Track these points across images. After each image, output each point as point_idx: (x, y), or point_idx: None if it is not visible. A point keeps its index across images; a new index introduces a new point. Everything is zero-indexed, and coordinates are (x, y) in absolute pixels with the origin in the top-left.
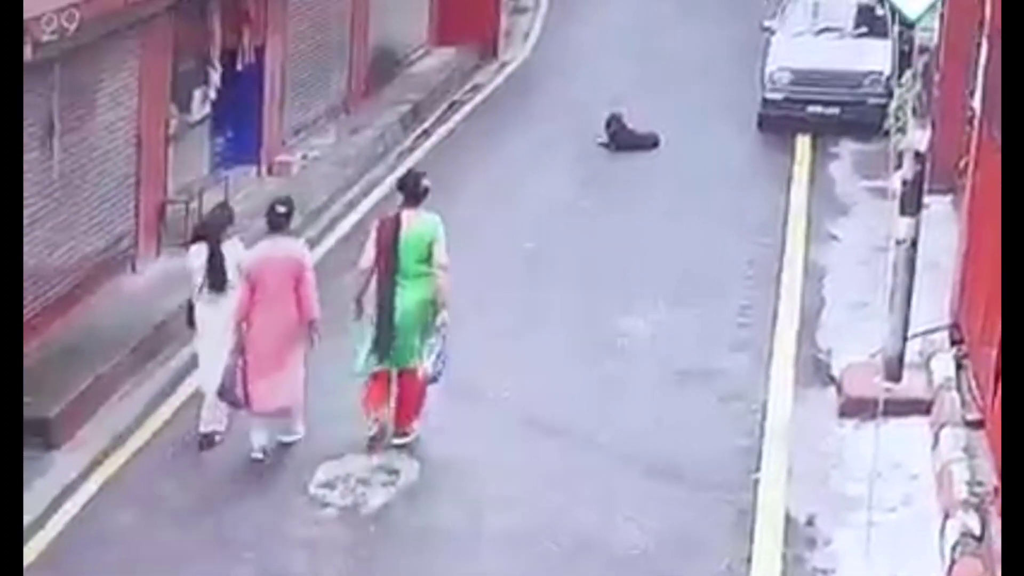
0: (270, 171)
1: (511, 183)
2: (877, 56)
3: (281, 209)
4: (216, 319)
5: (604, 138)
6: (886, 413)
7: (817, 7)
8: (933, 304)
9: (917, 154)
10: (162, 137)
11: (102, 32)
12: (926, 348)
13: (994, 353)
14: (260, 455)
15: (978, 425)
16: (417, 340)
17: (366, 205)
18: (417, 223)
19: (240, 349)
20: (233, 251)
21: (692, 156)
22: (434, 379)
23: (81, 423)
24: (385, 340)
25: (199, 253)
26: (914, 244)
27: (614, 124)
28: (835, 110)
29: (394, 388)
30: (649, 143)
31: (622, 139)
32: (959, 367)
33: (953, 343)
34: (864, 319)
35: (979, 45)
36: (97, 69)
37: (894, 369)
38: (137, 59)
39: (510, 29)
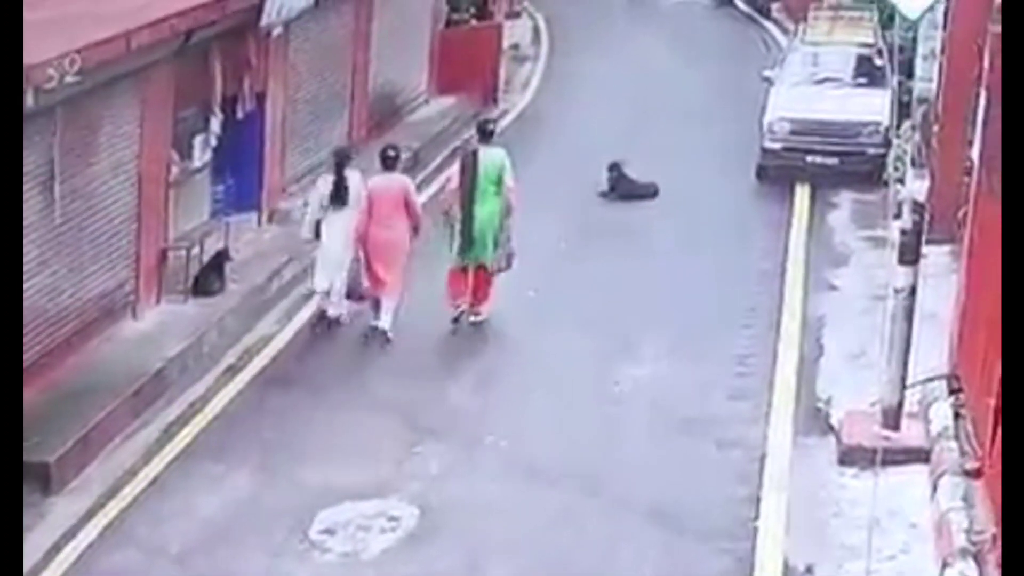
0: (270, 218)
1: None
2: (876, 106)
3: (391, 152)
4: (337, 228)
5: (604, 187)
6: (885, 462)
7: (816, 57)
8: (931, 353)
9: (916, 204)
10: (163, 183)
11: (103, 79)
12: (925, 397)
13: (992, 402)
14: (375, 329)
15: (976, 474)
16: (490, 242)
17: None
18: (490, 155)
19: (361, 256)
20: (354, 178)
21: (691, 205)
22: (507, 268)
23: (81, 468)
24: (466, 241)
25: (326, 180)
26: (913, 293)
27: (614, 173)
28: (834, 160)
29: (470, 280)
30: (649, 192)
31: (622, 188)
32: (957, 416)
33: (951, 392)
34: (863, 368)
35: (977, 96)
36: (98, 116)
37: (893, 418)
38: (138, 106)
39: (510, 78)
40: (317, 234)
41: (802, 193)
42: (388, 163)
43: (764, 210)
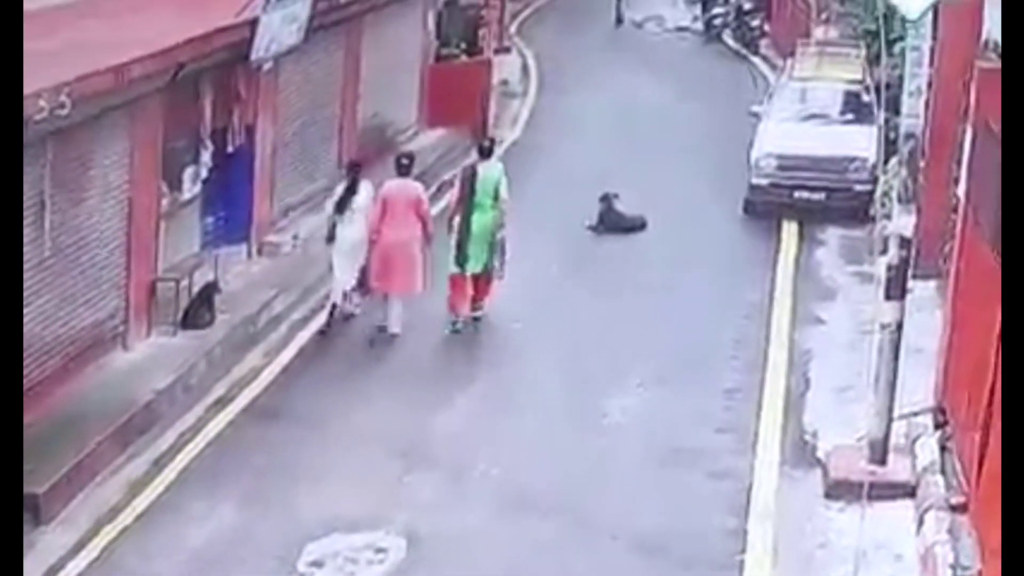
0: (260, 251)
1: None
2: (863, 142)
3: (405, 160)
4: (345, 235)
5: (592, 220)
6: (871, 496)
7: (804, 93)
8: (918, 388)
9: (902, 239)
10: (153, 215)
11: (94, 111)
12: (911, 431)
13: (978, 437)
14: (398, 330)
15: (962, 508)
16: (486, 251)
17: None
18: (488, 169)
19: (375, 254)
20: (365, 188)
21: (679, 239)
22: (500, 276)
23: (70, 499)
24: (463, 250)
25: (341, 186)
26: (899, 328)
27: (604, 205)
28: (821, 196)
29: (469, 288)
30: (637, 225)
31: (610, 221)
32: (943, 450)
33: (937, 426)
34: (849, 402)
35: (963, 133)
36: (89, 147)
37: (879, 452)
38: (128, 138)
39: (499, 113)
40: (332, 237)
41: (789, 228)
42: (403, 169)
43: (752, 245)
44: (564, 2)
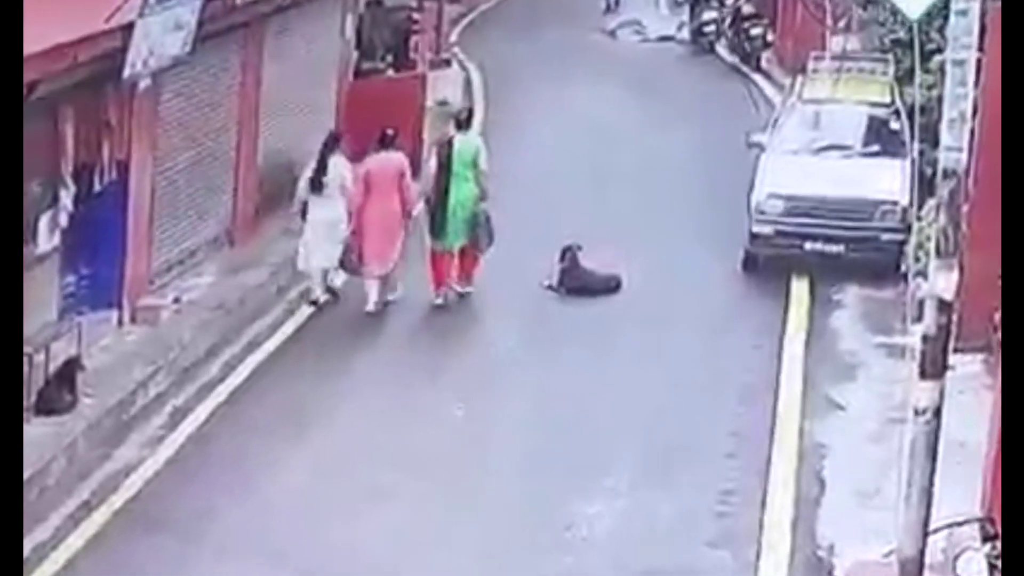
0: (134, 318)
1: (438, 334)
2: (892, 181)
3: (390, 132)
4: (318, 216)
5: (553, 279)
6: None
7: (818, 118)
8: (960, 492)
9: (941, 303)
10: None
11: None
12: (951, 546)
13: None
14: (373, 308)
15: None
16: (465, 225)
17: (251, 364)
18: (465, 141)
19: (356, 230)
20: (336, 164)
21: (661, 303)
22: (482, 251)
23: None
24: (440, 225)
25: (311, 164)
26: (937, 415)
27: (567, 261)
28: (839, 248)
29: (452, 264)
30: (608, 286)
31: (575, 280)
32: (993, 569)
33: (985, 540)
34: (874, 509)
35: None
36: None
37: (912, 571)
38: None
39: (436, 141)
40: (303, 215)
41: (799, 289)
42: (386, 141)
43: (752, 310)
44: (516, 4)
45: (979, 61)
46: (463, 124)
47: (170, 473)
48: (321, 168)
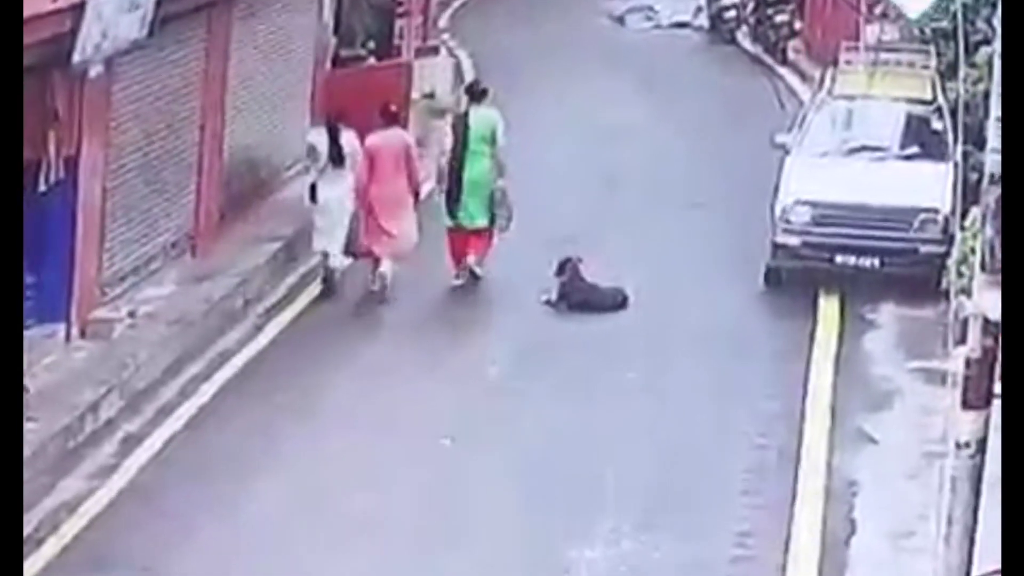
0: (84, 333)
1: (424, 356)
2: (933, 187)
3: (393, 108)
4: (335, 190)
5: (552, 294)
6: None
7: (850, 116)
8: None
9: (987, 323)
10: None
11: None
12: None
13: None
14: (376, 287)
15: None
16: (482, 203)
17: (214, 386)
18: (481, 115)
19: (364, 211)
20: (347, 138)
21: (673, 322)
22: (503, 229)
23: None
24: (455, 201)
25: (320, 134)
26: (981, 449)
27: (567, 274)
28: (873, 261)
29: (468, 242)
30: (613, 302)
31: (577, 295)
32: None
33: None
34: (911, 553)
35: None
36: None
37: None
38: None
39: (423, 137)
40: (313, 197)
41: (828, 307)
42: (389, 117)
43: (775, 330)
44: None
45: None
46: (478, 96)
47: (122, 506)
48: (335, 142)
